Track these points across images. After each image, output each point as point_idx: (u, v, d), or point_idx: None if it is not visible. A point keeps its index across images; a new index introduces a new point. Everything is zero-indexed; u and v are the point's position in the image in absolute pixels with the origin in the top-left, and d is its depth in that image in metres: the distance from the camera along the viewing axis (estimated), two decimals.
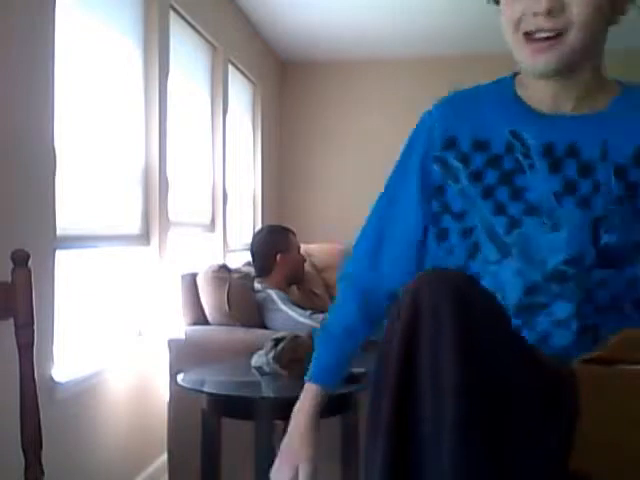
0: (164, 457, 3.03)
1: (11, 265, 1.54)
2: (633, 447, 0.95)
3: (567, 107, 1.09)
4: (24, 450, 1.53)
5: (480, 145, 1.08)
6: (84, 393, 2.59)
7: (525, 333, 1.06)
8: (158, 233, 3.35)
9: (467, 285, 0.95)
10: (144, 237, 3.28)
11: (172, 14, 3.60)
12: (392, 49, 5.72)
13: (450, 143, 1.11)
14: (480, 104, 1.13)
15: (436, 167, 1.13)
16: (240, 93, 5.08)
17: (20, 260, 1.54)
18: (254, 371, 2.19)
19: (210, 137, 4.36)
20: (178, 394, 2.72)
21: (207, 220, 4.34)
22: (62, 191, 2.43)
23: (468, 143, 1.09)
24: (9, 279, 1.54)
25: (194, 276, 3.05)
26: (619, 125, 1.06)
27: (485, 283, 1.05)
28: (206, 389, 2.16)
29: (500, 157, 1.07)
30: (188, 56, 3.99)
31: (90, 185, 2.75)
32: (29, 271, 1.55)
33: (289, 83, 6.22)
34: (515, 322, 1.05)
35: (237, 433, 2.34)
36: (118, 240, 3.05)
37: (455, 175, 1.10)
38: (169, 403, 2.86)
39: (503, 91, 1.12)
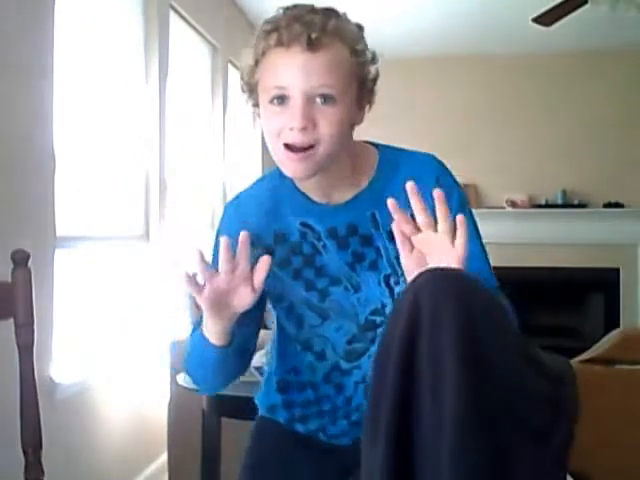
0: (164, 457, 3.03)
1: (11, 265, 1.53)
2: (633, 447, 0.95)
3: (336, 195, 1.26)
4: (24, 450, 1.52)
5: (279, 237, 1.28)
6: (84, 393, 2.59)
7: (355, 374, 1.29)
8: (158, 232, 3.35)
9: (468, 284, 0.95)
10: (144, 236, 3.28)
11: (172, 14, 3.60)
12: (389, 49, 5.72)
13: (256, 240, 1.24)
14: (272, 201, 1.30)
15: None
16: (240, 93, 5.07)
17: (20, 260, 1.54)
18: (254, 371, 2.18)
19: (209, 137, 4.36)
20: (178, 394, 2.72)
21: (208, 219, 4.34)
22: (62, 190, 2.43)
23: (271, 237, 1.28)
24: (9, 279, 1.53)
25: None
26: (381, 198, 1.21)
27: (316, 342, 1.30)
28: None
29: (299, 244, 1.26)
30: (188, 56, 3.99)
31: (89, 184, 2.75)
32: (29, 271, 1.55)
33: None
34: (345, 366, 1.29)
35: (237, 433, 2.34)
36: (118, 239, 3.04)
37: None
38: (169, 403, 2.86)
39: (289, 185, 1.28)
